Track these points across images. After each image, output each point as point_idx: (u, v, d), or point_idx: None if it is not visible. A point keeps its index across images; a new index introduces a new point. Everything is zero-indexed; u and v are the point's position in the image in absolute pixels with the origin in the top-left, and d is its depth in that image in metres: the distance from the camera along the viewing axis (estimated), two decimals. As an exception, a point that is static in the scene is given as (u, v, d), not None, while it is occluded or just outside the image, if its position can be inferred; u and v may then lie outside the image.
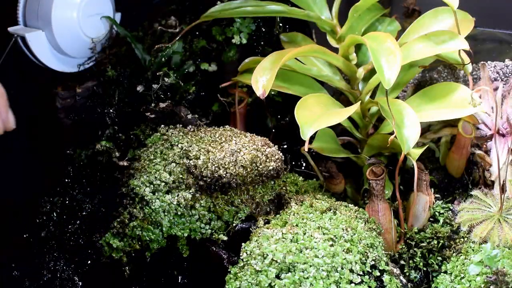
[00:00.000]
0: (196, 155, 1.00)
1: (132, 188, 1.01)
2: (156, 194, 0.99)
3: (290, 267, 0.85)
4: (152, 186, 1.00)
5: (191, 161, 1.00)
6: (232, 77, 1.16)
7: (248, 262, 0.88)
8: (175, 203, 0.98)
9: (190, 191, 0.99)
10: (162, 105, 1.15)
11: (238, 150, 1.00)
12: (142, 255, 1.01)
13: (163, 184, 1.00)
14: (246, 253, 0.90)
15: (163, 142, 1.07)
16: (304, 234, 0.90)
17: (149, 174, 1.01)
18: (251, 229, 0.98)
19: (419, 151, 0.97)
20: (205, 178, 0.98)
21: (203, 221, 1.00)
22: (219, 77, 1.26)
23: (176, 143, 1.05)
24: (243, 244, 0.92)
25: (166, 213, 0.99)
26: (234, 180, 0.99)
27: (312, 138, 1.01)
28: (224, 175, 0.98)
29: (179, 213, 0.99)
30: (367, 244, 0.91)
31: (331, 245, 0.88)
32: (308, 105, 0.98)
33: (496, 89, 1.11)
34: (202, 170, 0.99)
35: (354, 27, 1.16)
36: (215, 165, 0.99)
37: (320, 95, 1.05)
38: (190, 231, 1.00)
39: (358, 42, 1.07)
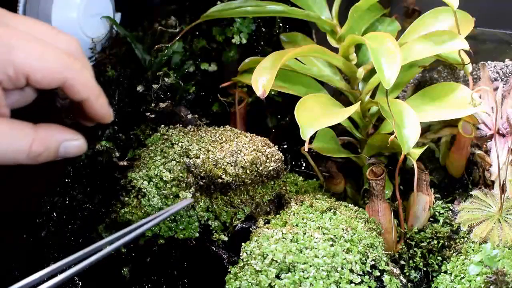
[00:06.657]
0: (196, 154, 1.00)
1: (130, 181, 1.00)
2: (157, 190, 0.99)
3: (290, 267, 0.85)
4: (151, 182, 1.00)
5: (191, 160, 1.00)
6: (232, 77, 1.16)
7: (248, 262, 0.88)
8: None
9: (190, 190, 0.99)
10: (162, 105, 1.15)
11: (239, 151, 1.00)
12: (142, 255, 1.01)
13: (162, 182, 1.00)
14: (246, 253, 0.90)
15: (163, 141, 1.07)
16: (304, 234, 0.90)
17: (148, 169, 1.01)
18: (251, 229, 0.98)
19: (419, 151, 0.97)
20: (204, 179, 0.98)
21: (201, 222, 1.00)
22: (219, 77, 1.26)
23: (177, 142, 1.04)
24: (243, 244, 0.92)
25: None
26: (234, 181, 0.98)
27: (312, 138, 1.01)
28: (223, 176, 0.98)
29: (177, 217, 0.98)
30: (367, 244, 0.91)
31: (331, 245, 0.88)
32: (308, 105, 0.98)
33: (496, 89, 1.11)
34: (201, 170, 0.98)
35: (354, 27, 1.16)
36: (215, 166, 0.98)
37: (320, 95, 1.05)
38: (186, 231, 0.99)
39: (358, 42, 1.07)
